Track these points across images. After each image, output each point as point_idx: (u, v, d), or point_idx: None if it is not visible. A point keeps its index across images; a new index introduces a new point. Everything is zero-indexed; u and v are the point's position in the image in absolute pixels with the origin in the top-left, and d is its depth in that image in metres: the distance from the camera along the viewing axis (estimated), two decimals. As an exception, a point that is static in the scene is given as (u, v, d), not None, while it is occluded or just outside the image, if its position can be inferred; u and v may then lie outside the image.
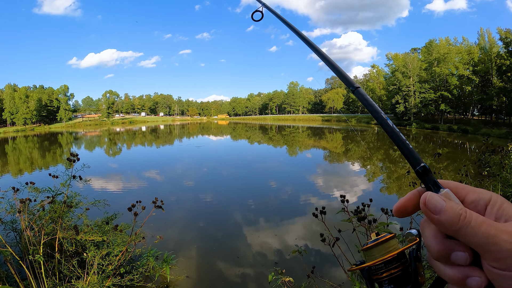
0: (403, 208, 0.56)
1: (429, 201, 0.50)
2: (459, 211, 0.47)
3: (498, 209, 0.49)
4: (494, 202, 0.50)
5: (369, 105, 0.68)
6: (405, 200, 0.56)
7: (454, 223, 0.47)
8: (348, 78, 0.76)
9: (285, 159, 25.54)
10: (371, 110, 0.68)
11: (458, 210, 0.48)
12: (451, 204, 0.49)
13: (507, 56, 51.22)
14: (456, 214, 0.47)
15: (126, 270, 4.76)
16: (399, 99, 73.09)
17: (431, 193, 0.51)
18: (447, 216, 0.48)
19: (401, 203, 0.57)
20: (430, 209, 0.50)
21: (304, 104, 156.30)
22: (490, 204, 0.50)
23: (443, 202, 0.49)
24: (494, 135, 41.95)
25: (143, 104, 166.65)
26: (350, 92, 0.71)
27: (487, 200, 0.50)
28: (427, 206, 0.50)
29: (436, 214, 0.49)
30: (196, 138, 51.62)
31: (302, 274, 5.45)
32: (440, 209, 0.49)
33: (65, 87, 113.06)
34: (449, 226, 0.48)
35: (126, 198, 11.73)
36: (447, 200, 0.50)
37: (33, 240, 4.38)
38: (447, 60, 63.74)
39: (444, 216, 0.48)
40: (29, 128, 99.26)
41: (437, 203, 0.49)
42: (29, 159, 27.69)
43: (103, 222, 5.25)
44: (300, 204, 11.46)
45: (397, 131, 0.61)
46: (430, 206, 0.50)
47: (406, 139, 0.59)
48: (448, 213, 0.48)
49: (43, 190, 4.82)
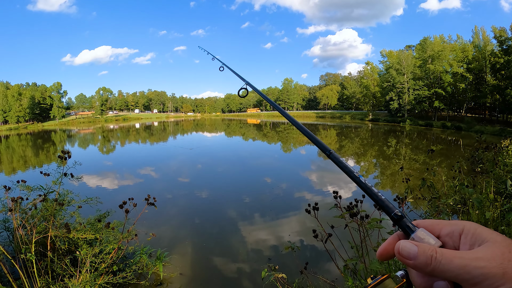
0: (385, 252, 0.60)
1: (402, 249, 0.55)
2: (430, 253, 0.52)
3: (471, 237, 0.53)
4: (467, 231, 0.54)
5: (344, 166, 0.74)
6: (386, 245, 0.61)
7: (427, 265, 0.52)
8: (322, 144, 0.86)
9: (279, 156, 25.59)
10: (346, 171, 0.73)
11: (429, 252, 0.52)
12: (423, 247, 0.53)
13: (501, 54, 51.58)
14: (427, 257, 0.52)
15: (119, 268, 4.75)
16: (393, 96, 73.35)
17: (403, 242, 0.56)
18: (420, 260, 0.52)
19: (383, 248, 0.61)
20: (404, 256, 0.54)
21: (298, 100, 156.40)
22: (464, 233, 0.54)
23: (415, 248, 0.54)
24: (487, 132, 42.29)
25: (136, 101, 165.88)
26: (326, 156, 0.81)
27: (461, 230, 0.55)
28: (401, 254, 0.55)
29: (411, 260, 0.53)
30: (190, 135, 51.49)
31: (296, 270, 5.47)
32: (413, 255, 0.53)
33: (58, 85, 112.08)
34: (424, 268, 0.52)
35: (120, 195, 11.66)
36: (418, 244, 0.54)
37: (25, 239, 4.35)
38: (441, 57, 63.94)
39: (417, 261, 0.53)
40: (22, 126, 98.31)
41: (410, 250, 0.54)
42: (23, 158, 27.47)
43: (96, 219, 5.22)
44: (294, 200, 11.50)
45: (370, 186, 0.67)
46: (404, 254, 0.54)
47: (378, 191, 0.65)
48: (420, 257, 0.52)
49: (35, 188, 4.79)
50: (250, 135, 49.12)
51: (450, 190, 5.77)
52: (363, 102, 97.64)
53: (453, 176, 5.71)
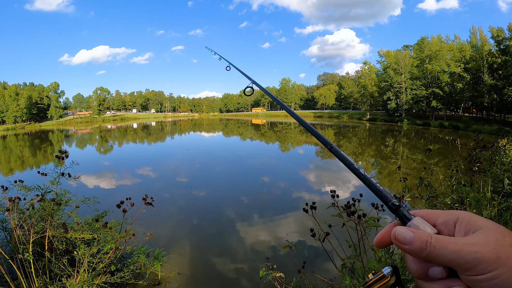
0: (382, 240, 0.62)
1: (398, 234, 0.57)
2: (425, 238, 0.54)
3: (466, 225, 0.54)
4: (461, 219, 0.56)
5: (345, 159, 0.76)
6: (383, 233, 0.62)
7: (422, 250, 0.53)
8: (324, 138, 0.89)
9: (277, 155, 25.54)
10: (346, 164, 0.75)
11: (424, 237, 0.54)
12: (418, 233, 0.55)
13: (499, 54, 51.71)
14: (423, 242, 0.53)
15: (117, 268, 4.74)
16: (391, 96, 73.41)
17: (399, 227, 0.58)
18: (415, 245, 0.54)
19: (380, 236, 0.62)
20: (400, 241, 0.56)
21: (296, 100, 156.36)
22: (458, 221, 0.56)
23: (410, 233, 0.56)
24: (485, 132, 42.41)
25: (134, 100, 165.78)
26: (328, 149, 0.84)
27: (455, 219, 0.56)
28: (397, 239, 0.57)
29: (406, 245, 0.55)
30: (187, 135, 51.42)
31: (294, 269, 5.47)
32: (409, 240, 0.55)
33: (56, 84, 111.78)
34: (419, 252, 0.54)
35: (118, 195, 11.66)
36: (414, 231, 0.56)
37: (23, 239, 4.34)
38: (439, 57, 63.99)
39: (413, 246, 0.54)
40: (20, 126, 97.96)
41: (406, 235, 0.56)
42: (20, 158, 27.38)
43: (93, 219, 5.21)
44: (292, 199, 11.50)
45: (368, 177, 0.69)
46: (400, 239, 0.56)
47: (377, 182, 0.67)
48: (416, 242, 0.54)
49: (32, 188, 4.78)
50: (248, 134, 49.10)
51: (447, 189, 5.79)
52: (361, 102, 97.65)
53: (451, 175, 5.73)
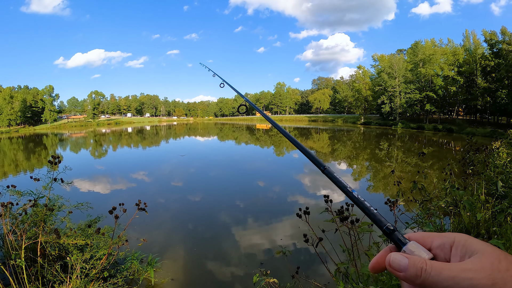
0: (377, 266, 0.61)
1: (392, 262, 0.56)
2: (420, 265, 0.52)
3: (462, 248, 0.53)
4: (457, 242, 0.54)
5: (338, 181, 0.75)
6: (377, 258, 0.61)
7: (417, 277, 0.52)
8: (316, 159, 0.86)
9: (272, 159, 25.58)
10: (339, 186, 0.74)
11: (419, 264, 0.53)
12: (413, 259, 0.54)
13: (492, 57, 52.38)
14: (417, 269, 0.52)
15: (110, 274, 4.71)
16: (385, 100, 73.90)
17: (394, 254, 0.57)
18: (410, 272, 0.53)
19: (375, 261, 0.61)
20: (394, 268, 0.55)
21: (291, 104, 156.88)
22: (454, 245, 0.54)
23: (405, 259, 0.55)
24: (479, 134, 42.77)
25: (129, 104, 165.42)
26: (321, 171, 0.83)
27: (451, 242, 0.55)
28: (391, 266, 0.56)
29: (401, 272, 0.54)
30: (182, 139, 51.32)
31: (288, 274, 5.46)
32: (403, 267, 0.54)
33: (50, 88, 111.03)
34: (414, 280, 0.52)
35: (112, 200, 11.58)
36: (409, 257, 0.55)
37: (15, 245, 4.30)
38: (433, 61, 64.60)
39: (407, 273, 0.53)
40: (14, 129, 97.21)
41: (400, 262, 0.55)
42: (14, 162, 27.15)
43: (86, 225, 5.17)
44: (287, 203, 11.50)
45: (362, 200, 0.68)
46: (394, 266, 0.55)
47: (370, 206, 0.66)
48: (410, 269, 0.53)
49: (25, 193, 4.74)
50: (243, 139, 49.09)
51: (441, 192, 5.81)
52: (355, 106, 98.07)
53: (444, 178, 5.75)
